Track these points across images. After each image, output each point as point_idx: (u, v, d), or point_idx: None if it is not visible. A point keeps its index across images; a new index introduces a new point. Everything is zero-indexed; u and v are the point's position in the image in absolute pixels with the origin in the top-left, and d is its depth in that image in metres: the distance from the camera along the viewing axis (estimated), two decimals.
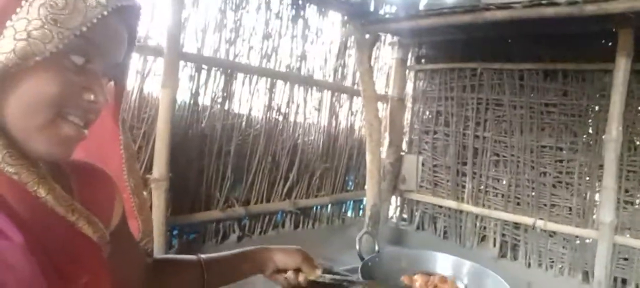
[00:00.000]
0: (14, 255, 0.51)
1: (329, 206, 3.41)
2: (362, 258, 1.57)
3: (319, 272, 1.22)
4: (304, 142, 3.14)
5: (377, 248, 1.71)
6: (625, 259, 2.67)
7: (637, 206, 2.65)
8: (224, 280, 1.11)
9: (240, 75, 2.67)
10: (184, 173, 2.43)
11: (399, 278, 1.52)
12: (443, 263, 1.57)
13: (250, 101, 2.76)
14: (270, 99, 2.88)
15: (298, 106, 3.07)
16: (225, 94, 2.60)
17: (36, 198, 0.55)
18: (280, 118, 2.96)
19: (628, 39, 2.38)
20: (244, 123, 2.74)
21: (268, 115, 2.88)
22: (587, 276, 2.77)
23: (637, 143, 2.66)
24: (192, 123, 2.46)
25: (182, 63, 2.34)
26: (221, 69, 2.57)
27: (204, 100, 2.52)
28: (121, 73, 0.67)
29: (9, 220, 0.52)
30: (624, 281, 2.70)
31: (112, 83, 0.67)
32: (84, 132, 0.56)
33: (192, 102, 2.45)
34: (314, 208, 3.28)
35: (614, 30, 2.44)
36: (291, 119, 3.04)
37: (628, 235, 2.63)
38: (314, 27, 3.08)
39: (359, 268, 1.49)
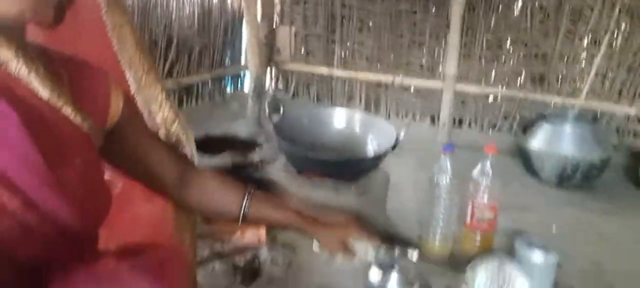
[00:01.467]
0: (10, 130, 0.52)
1: (209, 82, 3.46)
2: (271, 119, 1.78)
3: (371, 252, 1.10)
4: (180, 16, 3.05)
5: (281, 110, 1.93)
6: (462, 102, 3.32)
7: (472, 58, 3.24)
8: (262, 221, 1.03)
9: None
10: None
11: (306, 135, 1.76)
12: (339, 116, 1.87)
13: None
14: None
15: None
16: None
17: (20, 79, 0.55)
18: None
19: None
20: None
21: None
22: (433, 119, 3.39)
23: (474, 4, 3.16)
24: None
25: None
26: None
27: None
28: None
29: (2, 99, 0.52)
30: (460, 121, 3.38)
31: None
32: None
33: None
34: (196, 85, 3.31)
35: None
36: None
37: (465, 83, 3.24)
38: None
39: (273, 127, 1.70)
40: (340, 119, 1.84)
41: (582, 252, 1.76)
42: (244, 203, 0.89)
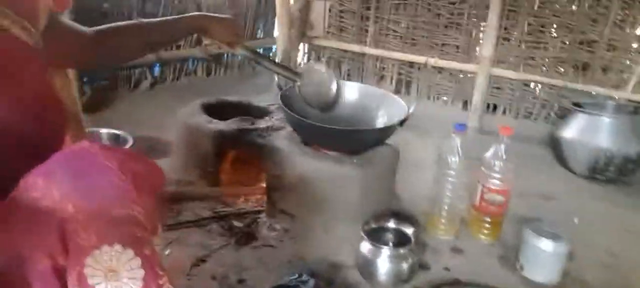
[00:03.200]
0: None
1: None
2: (280, 89, 1.75)
3: (239, 49, 1.40)
4: None
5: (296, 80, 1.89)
6: (498, 88, 3.16)
7: (512, 41, 3.07)
8: (163, 43, 1.35)
9: None
10: (84, 17, 2.31)
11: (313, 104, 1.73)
12: (350, 89, 1.81)
13: None
14: None
15: None
16: None
17: None
18: None
19: None
20: None
21: None
22: (466, 104, 3.25)
23: None
24: None
25: None
26: None
27: None
28: None
29: None
30: (495, 107, 3.22)
31: None
32: None
33: None
34: (225, 55, 3.32)
35: None
36: None
37: (502, 67, 3.08)
38: None
39: (279, 96, 1.67)
40: (353, 92, 1.78)
41: (603, 245, 1.64)
42: (144, 36, 1.09)
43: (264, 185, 1.70)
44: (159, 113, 2.40)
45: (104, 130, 2.00)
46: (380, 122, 1.69)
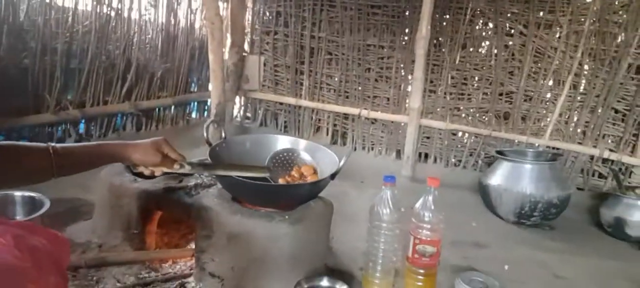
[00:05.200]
0: None
1: (172, 107, 3.38)
2: (210, 145, 1.70)
3: (177, 166, 1.32)
4: (141, 40, 3.00)
5: (223, 135, 1.85)
6: (428, 137, 3.28)
7: (438, 93, 3.22)
8: (77, 170, 1.14)
9: None
10: (1, 74, 2.17)
11: (245, 159, 1.70)
12: (282, 142, 1.80)
13: None
14: None
15: (131, 2, 2.88)
16: None
17: None
18: (113, 13, 2.76)
19: None
20: (70, 18, 2.49)
21: (98, 11, 2.65)
22: (399, 153, 3.34)
23: (441, 41, 3.17)
24: (7, 17, 2.16)
25: None
26: None
27: None
28: None
29: None
30: (426, 156, 3.34)
31: None
32: None
33: None
34: (157, 109, 3.23)
35: None
36: (125, 15, 2.85)
37: (430, 118, 3.21)
38: None
39: (208, 153, 1.62)
40: (284, 144, 1.77)
41: None
42: (53, 162, 1.00)
43: (193, 246, 1.62)
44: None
45: (18, 193, 1.84)
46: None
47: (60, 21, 2.43)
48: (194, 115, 3.68)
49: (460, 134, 3.25)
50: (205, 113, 3.80)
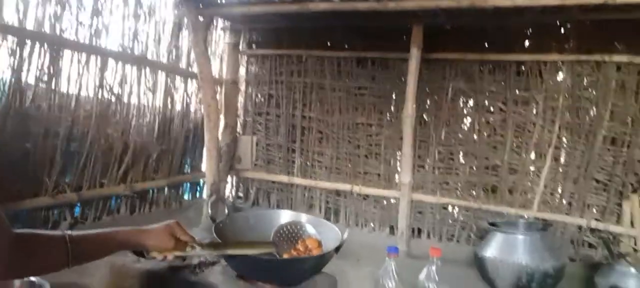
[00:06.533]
0: None
1: (166, 189, 3.41)
2: (214, 221, 1.74)
3: (188, 249, 1.34)
4: (139, 124, 3.08)
5: (226, 211, 1.89)
6: (420, 212, 3.34)
7: (427, 168, 3.33)
8: (91, 258, 1.16)
9: (68, 52, 2.51)
10: (5, 158, 2.20)
11: (250, 235, 1.73)
12: (284, 217, 1.84)
13: (79, 80, 2.61)
14: (102, 79, 2.76)
15: (131, 87, 2.99)
16: (51, 72, 2.42)
17: None
18: (113, 99, 2.86)
19: (419, 33, 2.97)
20: (73, 103, 2.58)
21: (100, 96, 2.75)
22: (392, 229, 3.37)
23: (426, 118, 3.33)
24: (14, 102, 2.24)
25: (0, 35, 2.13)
26: (46, 45, 2.38)
27: (28, 78, 2.31)
28: None
29: None
30: (419, 231, 3.37)
31: None
32: None
33: (13, 79, 2.23)
34: (151, 191, 3.25)
35: (408, 25, 3.01)
36: (124, 100, 2.95)
37: (421, 193, 3.29)
38: (146, 5, 3.05)
39: (213, 229, 1.65)
40: (286, 218, 1.81)
41: None
42: (69, 251, 1.01)
43: None
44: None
45: None
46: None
47: (64, 106, 2.51)
48: (186, 196, 3.70)
49: (450, 208, 3.32)
50: (198, 195, 3.82)
